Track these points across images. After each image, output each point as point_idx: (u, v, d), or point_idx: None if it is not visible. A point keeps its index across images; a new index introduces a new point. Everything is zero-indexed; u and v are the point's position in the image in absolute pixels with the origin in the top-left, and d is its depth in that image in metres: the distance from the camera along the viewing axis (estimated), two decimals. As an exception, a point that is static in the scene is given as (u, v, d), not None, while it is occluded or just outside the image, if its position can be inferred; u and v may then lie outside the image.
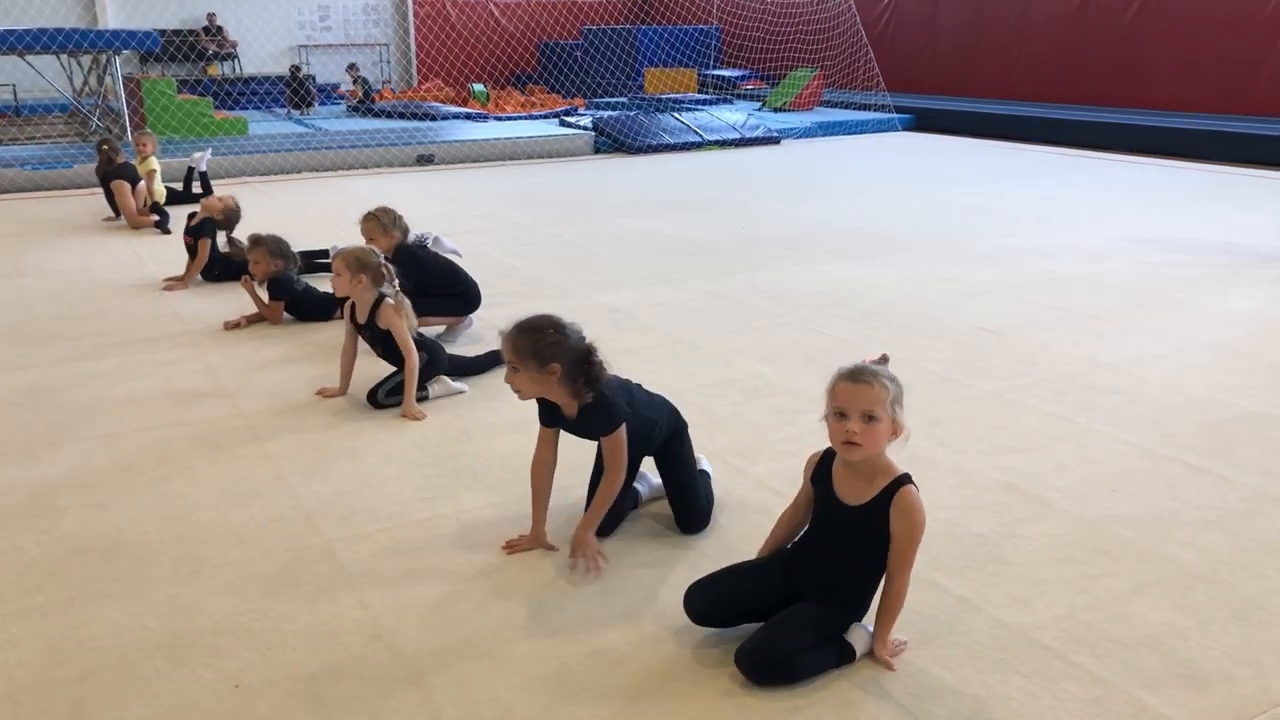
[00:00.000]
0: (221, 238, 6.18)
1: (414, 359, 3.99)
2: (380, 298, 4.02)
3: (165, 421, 3.99)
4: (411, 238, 5.00)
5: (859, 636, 2.41)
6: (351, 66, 17.50)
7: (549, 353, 2.71)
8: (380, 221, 4.86)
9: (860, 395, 2.25)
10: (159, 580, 2.82)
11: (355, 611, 2.67)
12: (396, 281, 4.12)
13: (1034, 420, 3.88)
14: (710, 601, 2.45)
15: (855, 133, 13.96)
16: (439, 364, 4.20)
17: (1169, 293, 5.71)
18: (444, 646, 2.50)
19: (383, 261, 4.09)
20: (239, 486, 3.41)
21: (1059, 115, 13.15)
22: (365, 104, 15.67)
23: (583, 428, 2.87)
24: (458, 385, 4.23)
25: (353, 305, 4.10)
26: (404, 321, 3.99)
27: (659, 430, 2.98)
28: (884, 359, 2.38)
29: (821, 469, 2.43)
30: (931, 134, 13.93)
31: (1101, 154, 11.75)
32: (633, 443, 2.85)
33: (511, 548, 2.95)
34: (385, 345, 4.06)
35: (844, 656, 2.38)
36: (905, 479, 2.32)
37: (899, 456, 2.38)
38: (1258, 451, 3.56)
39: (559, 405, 2.84)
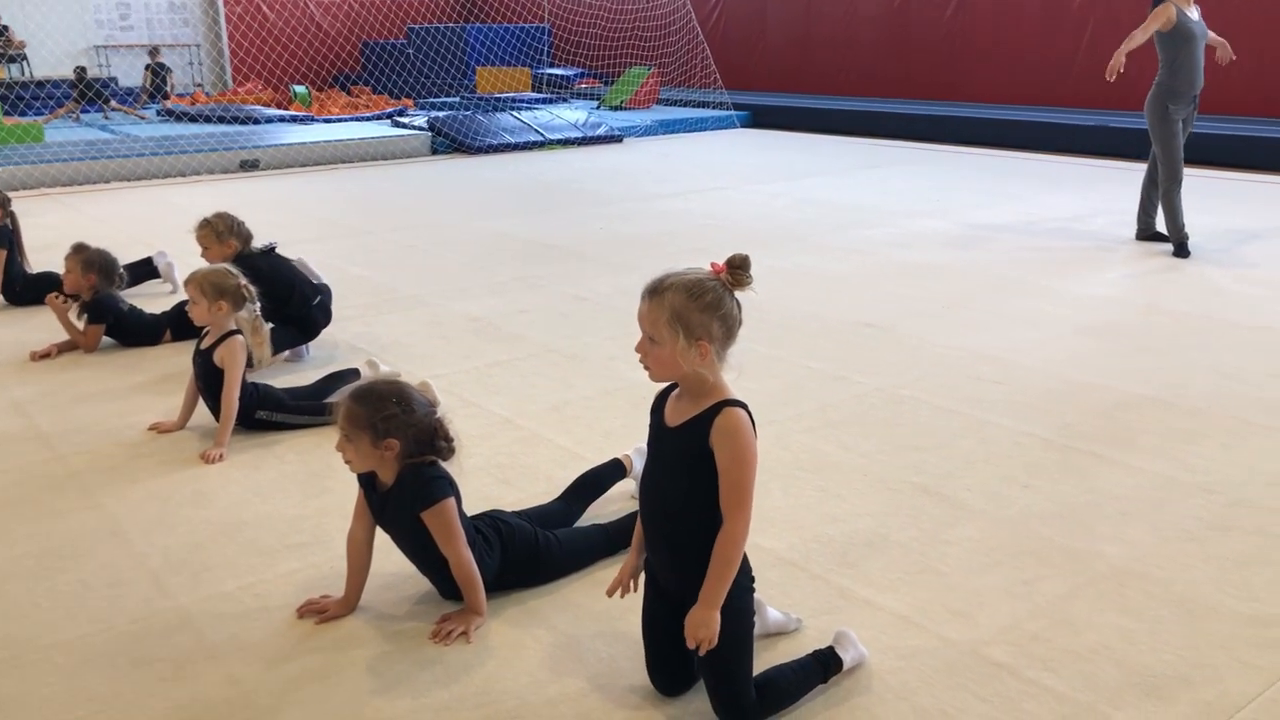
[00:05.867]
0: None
1: (232, 410, 3.57)
2: (231, 333, 3.59)
3: (-33, 473, 3.42)
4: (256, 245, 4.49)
5: (846, 645, 2.25)
6: (154, 51, 16.11)
7: (388, 427, 2.38)
8: (214, 228, 4.33)
9: (643, 313, 1.97)
10: (-29, 672, 2.34)
11: (223, 689, 2.27)
12: (258, 304, 3.69)
13: (930, 416, 3.78)
14: (661, 679, 2.19)
15: (695, 130, 13.93)
16: (277, 403, 3.77)
17: (1028, 278, 5.79)
18: (337, 726, 2.14)
19: (242, 282, 3.65)
20: (65, 548, 2.91)
21: (887, 109, 13.47)
22: (158, 94, 14.50)
23: (395, 503, 2.45)
24: (385, 369, 4.01)
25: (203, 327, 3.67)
26: (240, 369, 3.57)
27: (491, 559, 2.57)
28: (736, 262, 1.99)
29: (659, 399, 2.14)
30: (768, 130, 14.04)
31: (930, 145, 12.06)
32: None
33: (321, 612, 2.53)
34: (210, 381, 3.61)
35: (830, 669, 2.20)
36: (732, 402, 2.01)
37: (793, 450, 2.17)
38: (1156, 437, 3.55)
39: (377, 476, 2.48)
